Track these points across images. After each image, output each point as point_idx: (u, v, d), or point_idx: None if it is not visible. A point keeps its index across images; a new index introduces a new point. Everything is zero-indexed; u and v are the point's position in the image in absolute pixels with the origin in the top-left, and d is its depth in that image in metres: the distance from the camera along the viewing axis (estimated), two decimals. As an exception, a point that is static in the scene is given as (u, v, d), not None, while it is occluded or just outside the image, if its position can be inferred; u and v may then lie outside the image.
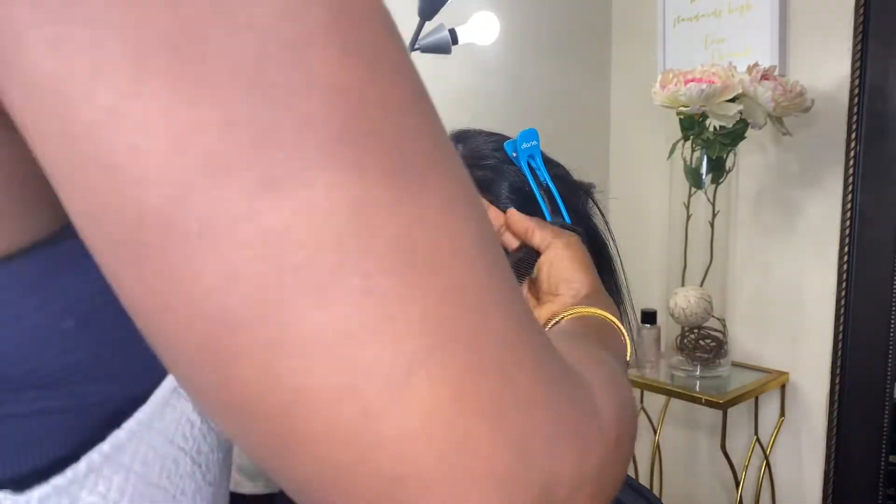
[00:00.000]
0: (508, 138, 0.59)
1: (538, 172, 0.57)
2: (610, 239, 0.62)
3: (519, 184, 0.56)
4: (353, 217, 0.18)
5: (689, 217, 1.39)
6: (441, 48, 1.16)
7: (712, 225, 1.37)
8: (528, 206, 0.55)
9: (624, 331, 0.46)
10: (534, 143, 0.58)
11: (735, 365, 1.50)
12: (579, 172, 0.63)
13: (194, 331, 0.18)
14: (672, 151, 1.36)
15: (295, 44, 0.18)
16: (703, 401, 1.35)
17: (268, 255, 0.17)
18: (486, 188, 0.55)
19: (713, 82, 1.20)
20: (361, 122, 0.18)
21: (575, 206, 0.58)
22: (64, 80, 0.16)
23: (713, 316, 1.39)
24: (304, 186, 0.17)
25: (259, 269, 0.17)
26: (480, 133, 0.60)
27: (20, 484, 0.22)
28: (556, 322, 0.46)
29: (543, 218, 0.55)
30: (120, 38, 0.16)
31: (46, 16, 0.16)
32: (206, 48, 0.17)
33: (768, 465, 1.52)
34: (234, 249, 0.17)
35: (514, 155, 0.57)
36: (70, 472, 0.23)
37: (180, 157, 0.17)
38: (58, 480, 0.23)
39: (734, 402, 1.36)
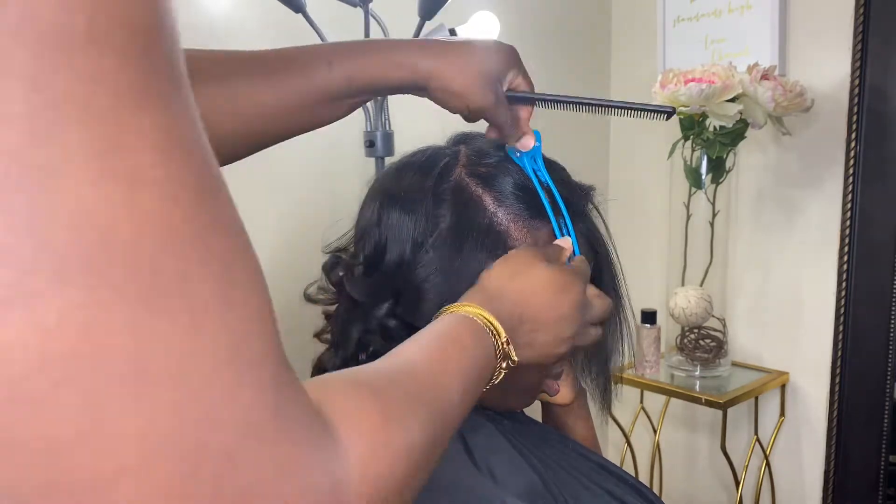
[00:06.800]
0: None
1: (539, 174, 0.57)
2: (610, 244, 0.62)
3: (523, 181, 0.56)
4: (81, 338, 0.19)
5: (689, 217, 1.39)
6: (441, 48, 1.16)
7: (712, 225, 1.37)
8: (533, 204, 0.55)
9: (500, 330, 0.44)
10: (535, 144, 0.58)
11: (735, 365, 1.50)
12: (579, 173, 0.63)
13: None
14: (672, 151, 1.36)
15: (44, 168, 0.18)
16: (703, 401, 1.35)
17: None
18: (491, 184, 0.55)
19: (713, 82, 1.20)
20: (107, 248, 0.19)
21: (576, 209, 0.59)
22: None
23: (713, 316, 1.39)
24: (33, 308, 0.18)
25: None
26: (483, 135, 0.60)
27: None
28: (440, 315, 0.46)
29: (548, 219, 0.56)
30: None
31: None
32: None
33: (768, 465, 1.52)
34: None
35: (518, 155, 0.58)
36: None
37: None
38: None
39: (734, 402, 1.36)
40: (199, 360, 0.21)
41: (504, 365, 0.45)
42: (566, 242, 0.55)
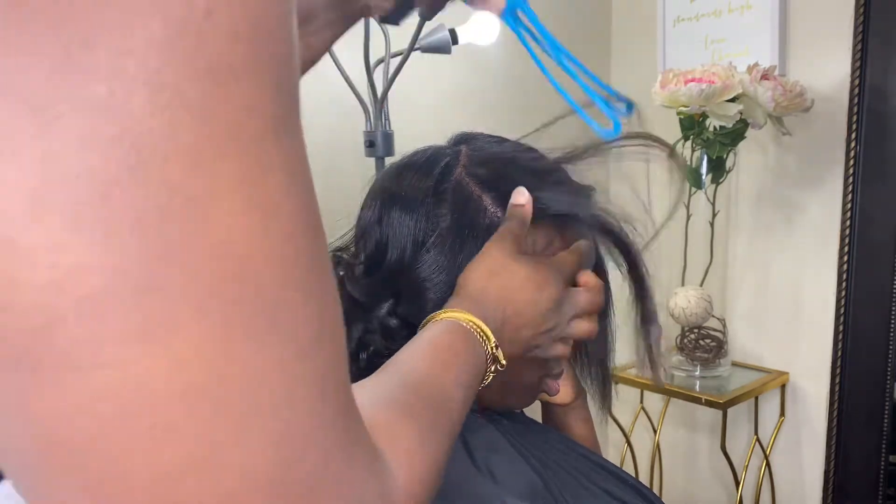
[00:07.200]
0: (508, 140, 0.59)
1: (536, 29, 0.49)
2: (626, 233, 0.62)
3: (524, 182, 0.56)
4: (209, 369, 0.19)
5: (689, 217, 1.39)
6: (441, 48, 1.16)
7: (712, 225, 1.37)
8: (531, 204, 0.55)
9: (490, 335, 0.45)
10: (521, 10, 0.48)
11: (735, 365, 1.50)
12: (579, 173, 0.63)
13: (27, 449, 0.19)
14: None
15: (199, 198, 0.18)
16: (703, 401, 1.35)
17: (116, 398, 0.18)
18: (492, 184, 0.55)
19: (713, 82, 1.20)
20: (242, 279, 0.19)
21: (582, 210, 0.58)
22: None
23: (713, 316, 1.39)
24: (173, 340, 0.18)
25: (104, 409, 0.18)
26: (483, 135, 0.60)
27: None
28: (425, 324, 0.46)
29: (548, 220, 0.55)
30: (20, 165, 0.17)
31: None
32: (111, 196, 0.17)
33: (768, 465, 1.52)
34: (89, 387, 0.18)
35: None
36: None
37: (57, 294, 0.17)
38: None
39: (734, 402, 1.36)
40: (299, 391, 0.21)
41: (493, 368, 0.46)
42: (523, 196, 0.53)
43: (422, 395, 0.36)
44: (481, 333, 0.45)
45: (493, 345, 0.45)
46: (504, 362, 0.46)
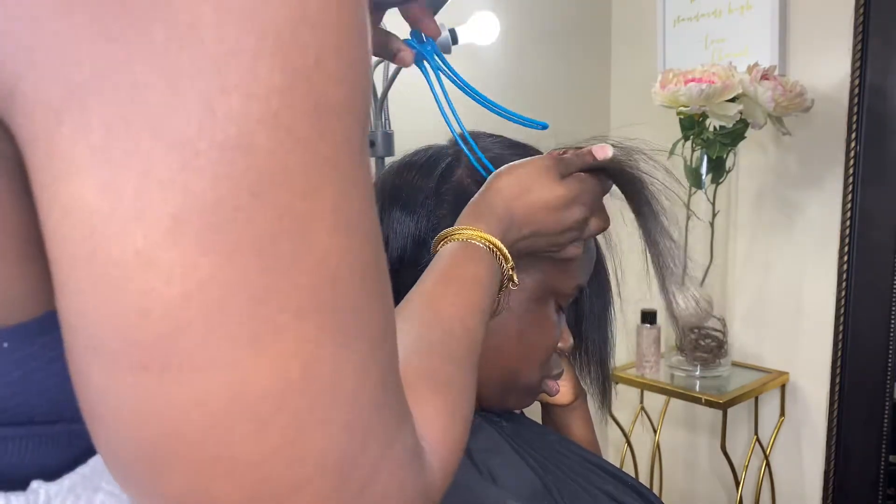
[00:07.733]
0: (509, 140, 0.59)
1: (451, 79, 0.52)
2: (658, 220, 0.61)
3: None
4: (303, 367, 0.22)
5: (689, 217, 1.39)
6: (441, 48, 1.16)
7: (712, 225, 1.37)
8: None
9: (509, 257, 0.46)
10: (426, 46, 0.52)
11: (735, 365, 1.50)
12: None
13: (146, 443, 0.21)
14: (672, 151, 1.35)
15: (305, 218, 0.21)
16: (703, 401, 1.35)
17: (227, 394, 0.21)
18: None
19: (713, 82, 1.20)
20: (332, 289, 0.22)
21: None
22: (104, 218, 0.19)
23: (713, 316, 1.39)
24: (278, 343, 0.21)
25: (217, 404, 0.21)
26: (485, 135, 0.60)
27: (51, 476, 0.26)
28: (441, 244, 0.47)
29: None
30: (164, 195, 0.19)
31: (105, 160, 0.19)
32: (237, 220, 0.20)
33: (768, 465, 1.52)
34: (207, 385, 0.20)
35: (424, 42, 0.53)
36: (93, 462, 0.26)
37: (187, 305, 0.20)
38: (83, 470, 0.26)
39: (734, 402, 1.36)
40: (368, 382, 0.24)
41: (502, 288, 0.47)
42: (602, 152, 0.54)
43: (452, 355, 0.38)
44: (502, 256, 0.46)
45: (511, 266, 0.47)
46: (517, 282, 0.48)
